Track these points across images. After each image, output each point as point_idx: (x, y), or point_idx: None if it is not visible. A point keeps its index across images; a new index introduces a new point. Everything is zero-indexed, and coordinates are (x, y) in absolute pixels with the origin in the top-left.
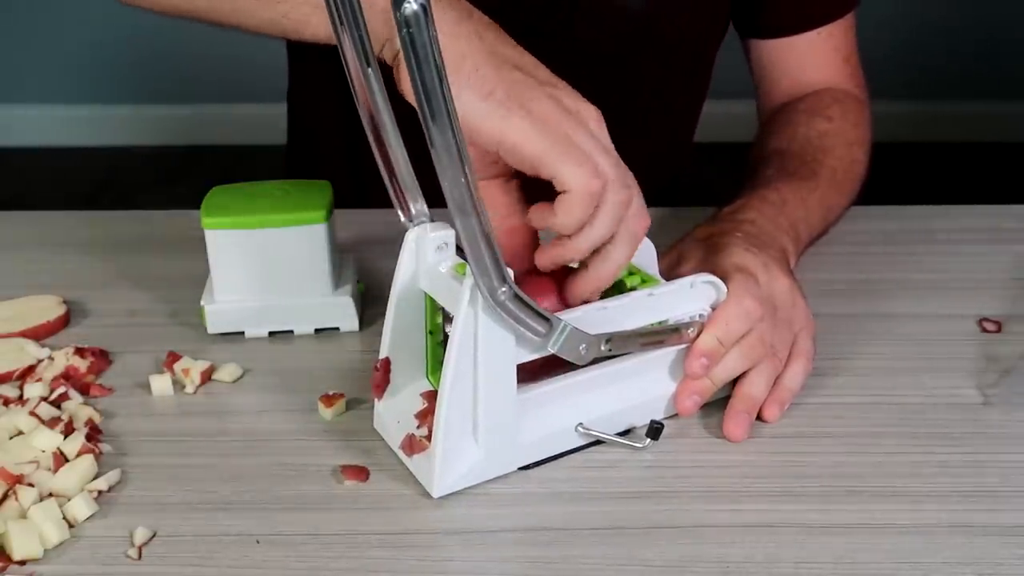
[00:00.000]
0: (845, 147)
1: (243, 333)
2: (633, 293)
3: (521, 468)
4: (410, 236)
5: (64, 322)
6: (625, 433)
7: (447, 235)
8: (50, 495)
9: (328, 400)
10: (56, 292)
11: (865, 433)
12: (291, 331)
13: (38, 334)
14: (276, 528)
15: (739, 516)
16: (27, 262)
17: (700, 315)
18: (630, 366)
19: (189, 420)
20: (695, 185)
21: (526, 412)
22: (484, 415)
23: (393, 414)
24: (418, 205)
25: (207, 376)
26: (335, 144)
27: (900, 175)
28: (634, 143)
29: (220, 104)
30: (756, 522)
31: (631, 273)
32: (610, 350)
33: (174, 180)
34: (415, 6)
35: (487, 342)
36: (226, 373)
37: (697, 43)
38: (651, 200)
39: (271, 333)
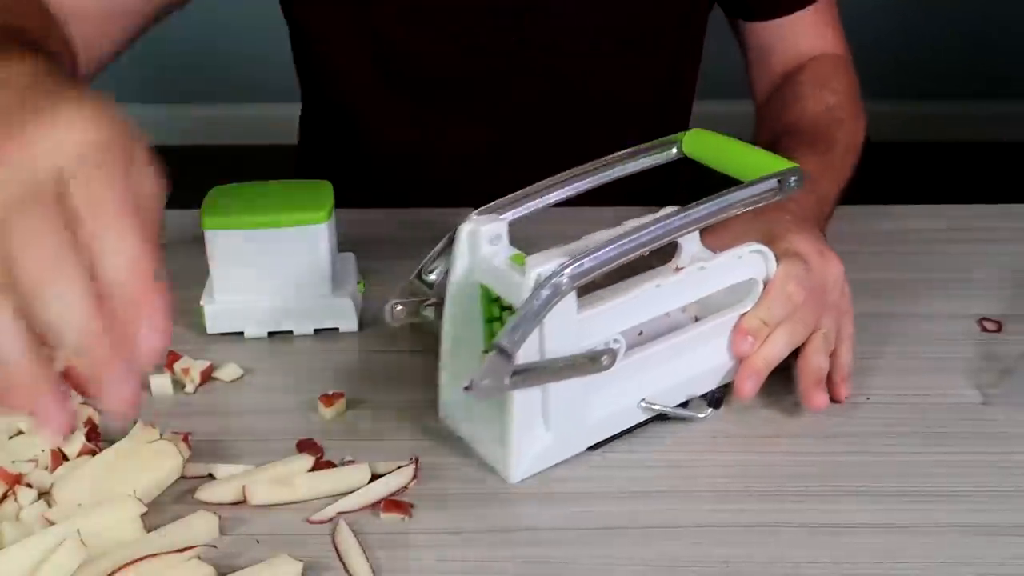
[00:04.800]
0: (852, 120)
1: (243, 333)
2: (686, 268)
3: (589, 448)
4: (463, 230)
5: None
6: (684, 405)
7: (500, 227)
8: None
9: (328, 400)
10: None
11: (865, 433)
12: (291, 331)
13: None
14: (276, 528)
15: (739, 516)
16: None
17: (615, 340)
18: (686, 340)
19: (189, 420)
20: (692, 185)
21: (591, 392)
22: (554, 400)
23: (460, 405)
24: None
25: (207, 376)
26: (346, 143)
27: (899, 175)
28: (622, 133)
29: (220, 104)
30: (756, 522)
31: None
32: (514, 386)
33: (174, 180)
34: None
35: (553, 328)
36: (226, 373)
37: (682, 28)
38: (648, 197)
39: (271, 333)
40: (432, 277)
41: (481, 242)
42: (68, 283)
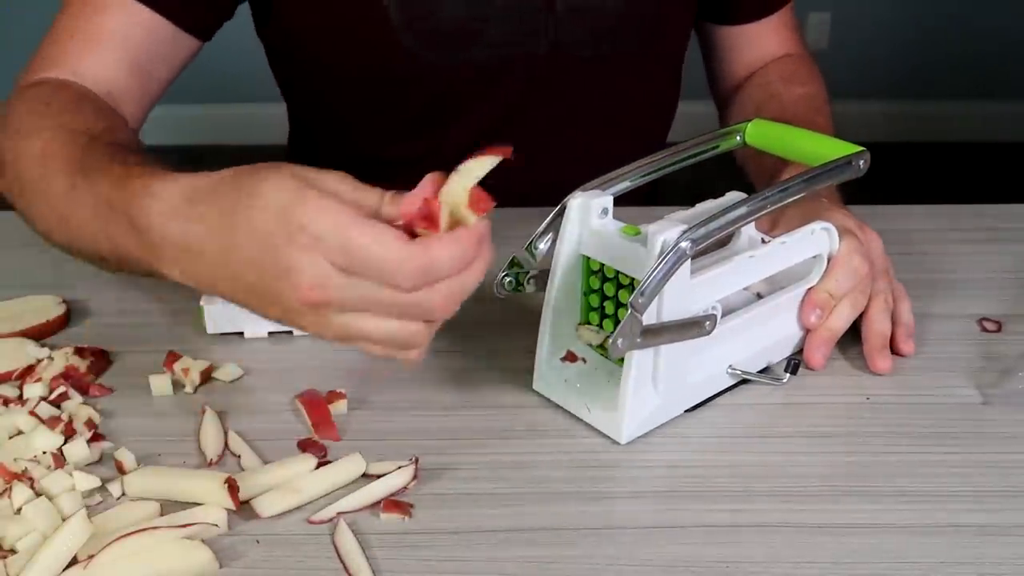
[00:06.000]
0: (827, 106)
1: (243, 333)
2: (771, 242)
3: (687, 410)
4: (573, 204)
5: (64, 322)
6: (764, 371)
7: (607, 201)
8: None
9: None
10: (56, 292)
11: (865, 433)
12: (290, 331)
13: (38, 334)
14: (276, 528)
15: (739, 516)
16: (27, 262)
17: (712, 307)
18: (766, 311)
19: (189, 420)
20: (676, 186)
21: (690, 357)
22: (665, 364)
23: (558, 373)
24: None
25: (207, 376)
26: (336, 143)
27: (899, 175)
28: (612, 141)
29: (220, 104)
30: (756, 522)
31: None
32: (643, 344)
33: None
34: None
35: (672, 292)
36: (226, 373)
37: (670, 37)
38: (636, 199)
39: (270, 333)
40: (540, 249)
41: (591, 214)
42: None
